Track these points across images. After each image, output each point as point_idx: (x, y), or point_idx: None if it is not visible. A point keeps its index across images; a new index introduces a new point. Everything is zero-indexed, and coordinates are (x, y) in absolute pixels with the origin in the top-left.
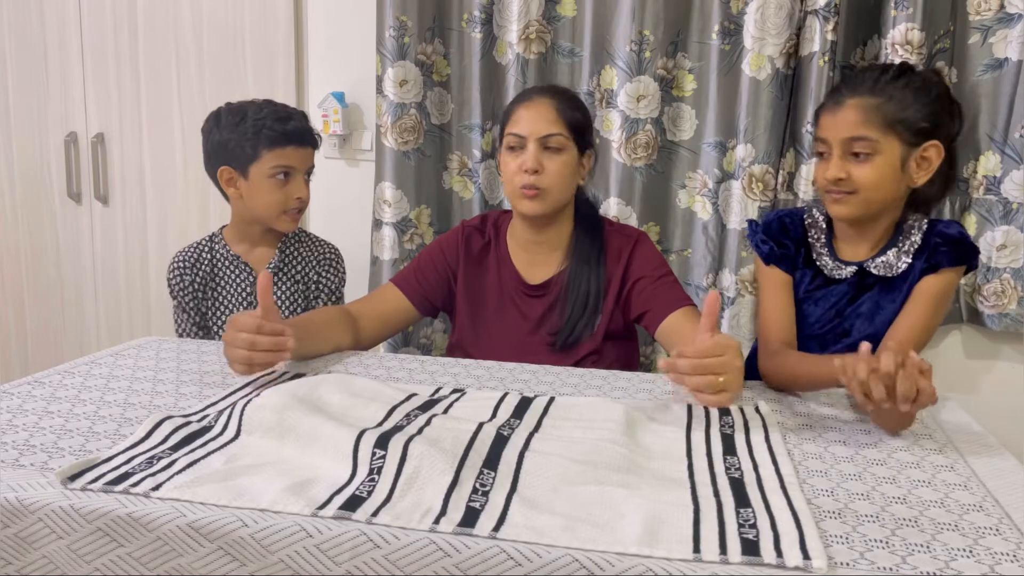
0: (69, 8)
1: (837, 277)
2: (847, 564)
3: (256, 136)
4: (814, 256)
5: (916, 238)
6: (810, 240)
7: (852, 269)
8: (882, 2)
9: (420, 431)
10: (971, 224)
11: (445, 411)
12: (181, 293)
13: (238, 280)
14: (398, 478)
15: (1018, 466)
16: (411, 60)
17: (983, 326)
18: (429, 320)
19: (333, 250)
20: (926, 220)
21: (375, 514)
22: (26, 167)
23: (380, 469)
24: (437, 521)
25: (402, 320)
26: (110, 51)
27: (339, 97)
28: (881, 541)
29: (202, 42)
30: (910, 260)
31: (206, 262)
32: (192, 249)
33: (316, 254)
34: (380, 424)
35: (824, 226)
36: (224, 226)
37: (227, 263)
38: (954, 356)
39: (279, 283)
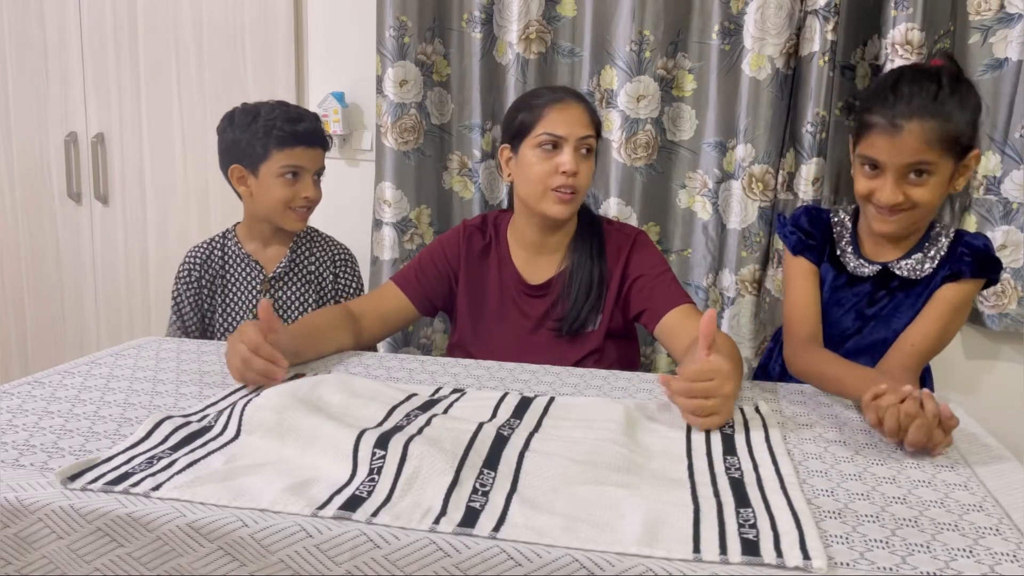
0: (69, 8)
1: (860, 275)
2: (847, 564)
3: (267, 136)
4: (838, 252)
5: (943, 244)
6: (835, 236)
7: (876, 268)
8: (882, 2)
9: (420, 431)
10: (971, 224)
11: (445, 411)
12: (185, 290)
13: (248, 278)
14: (398, 478)
15: (1018, 466)
16: (411, 60)
17: (983, 326)
18: (429, 320)
19: (347, 251)
20: (954, 229)
21: (375, 514)
22: (26, 167)
23: (380, 469)
24: (437, 521)
25: (402, 320)
26: (110, 51)
27: (339, 97)
28: (881, 541)
29: (202, 42)
30: (934, 266)
31: (217, 259)
32: (204, 247)
33: (330, 254)
34: (380, 424)
35: (850, 226)
36: (238, 223)
37: (238, 261)
38: (954, 356)
39: (290, 283)
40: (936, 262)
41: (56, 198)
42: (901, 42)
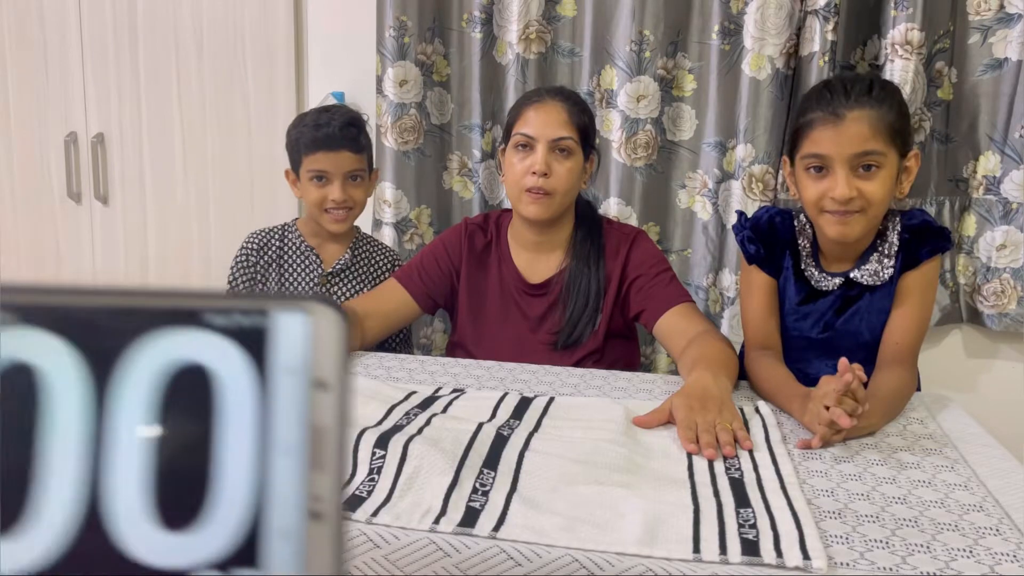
0: (69, 8)
1: (824, 288)
2: (847, 564)
3: (297, 142)
4: (802, 265)
5: (893, 239)
6: (799, 247)
7: (838, 280)
8: (882, 2)
9: (420, 431)
10: (971, 224)
11: (444, 410)
12: (241, 275)
13: (308, 270)
14: (398, 478)
15: (1018, 466)
16: (411, 60)
17: (983, 326)
18: (429, 319)
19: (399, 257)
20: (897, 218)
21: (375, 514)
22: (26, 167)
23: (380, 469)
24: (437, 521)
25: (404, 317)
26: (110, 51)
27: (339, 97)
28: (881, 541)
29: (202, 42)
30: (892, 263)
31: (275, 247)
32: (263, 233)
33: (390, 259)
34: (380, 423)
35: (811, 233)
36: (296, 219)
37: (297, 252)
38: (954, 356)
39: (348, 280)
40: (894, 259)
41: (56, 198)
42: (901, 42)
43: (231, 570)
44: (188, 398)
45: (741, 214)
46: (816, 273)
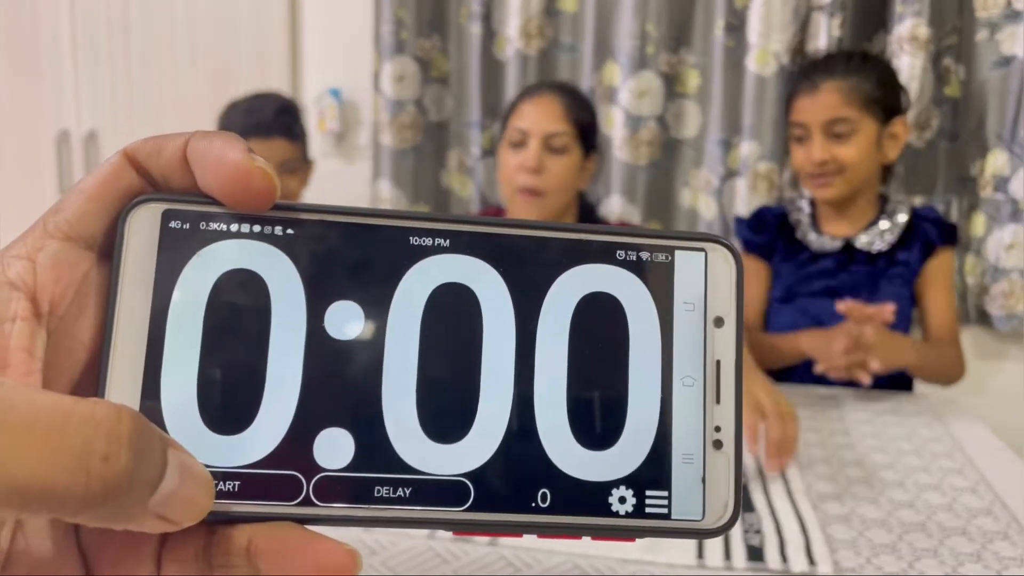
0: (61, 1)
1: (823, 251)
2: (853, 569)
3: (228, 129)
4: (799, 235)
5: (901, 219)
6: (792, 223)
7: (839, 244)
8: None
9: None
10: (979, 223)
11: None
12: None
13: None
14: None
15: None
16: (409, 56)
17: (991, 327)
18: None
19: None
20: (910, 205)
21: None
22: (16, 166)
23: None
24: None
25: None
26: (102, 46)
27: (335, 93)
28: (888, 546)
29: (196, 36)
30: (895, 239)
31: None
32: None
33: None
34: None
35: (808, 209)
36: None
37: None
38: None
39: None
40: (896, 236)
41: (48, 199)
42: (908, 38)
43: (644, 491)
44: (600, 326)
45: (738, 218)
46: (816, 239)
